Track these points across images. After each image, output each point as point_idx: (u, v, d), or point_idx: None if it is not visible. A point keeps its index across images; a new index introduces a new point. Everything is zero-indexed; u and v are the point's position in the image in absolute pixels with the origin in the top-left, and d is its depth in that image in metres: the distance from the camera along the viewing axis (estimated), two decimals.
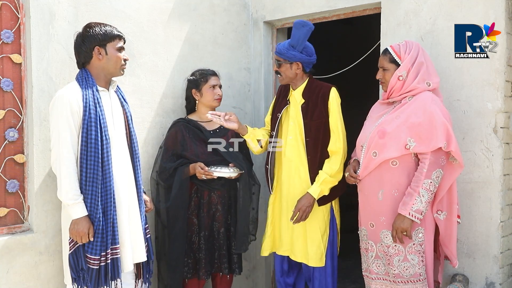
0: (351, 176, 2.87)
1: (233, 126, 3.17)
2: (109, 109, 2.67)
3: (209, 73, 3.33)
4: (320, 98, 3.10)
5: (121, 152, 2.70)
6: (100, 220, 2.53)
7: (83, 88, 2.57)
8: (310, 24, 3.04)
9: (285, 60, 3.09)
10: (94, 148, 2.53)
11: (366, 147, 2.79)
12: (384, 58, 2.81)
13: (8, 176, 2.70)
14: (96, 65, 2.64)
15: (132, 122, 2.79)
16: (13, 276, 2.63)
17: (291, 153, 3.17)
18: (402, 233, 2.65)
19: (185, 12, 3.52)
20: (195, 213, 3.22)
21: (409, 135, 2.64)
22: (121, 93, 2.81)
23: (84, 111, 2.53)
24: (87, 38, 2.61)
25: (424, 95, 2.68)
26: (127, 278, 2.75)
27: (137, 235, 2.73)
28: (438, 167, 2.63)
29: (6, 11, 2.68)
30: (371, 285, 2.87)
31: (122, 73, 2.73)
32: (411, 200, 2.62)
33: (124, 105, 2.78)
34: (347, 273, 4.48)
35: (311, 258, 3.12)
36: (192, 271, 3.20)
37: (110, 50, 2.64)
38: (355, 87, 5.45)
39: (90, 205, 2.53)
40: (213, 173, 3.10)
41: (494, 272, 2.93)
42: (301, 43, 3.05)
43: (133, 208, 2.73)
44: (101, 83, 2.67)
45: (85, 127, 2.53)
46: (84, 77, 2.61)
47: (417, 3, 3.16)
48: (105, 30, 2.64)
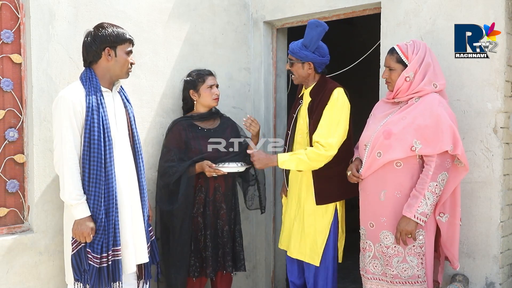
0: (353, 175, 2.86)
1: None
2: (112, 109, 2.66)
3: (205, 73, 3.34)
4: (323, 97, 3.09)
5: (124, 153, 2.69)
6: (102, 221, 2.53)
7: (86, 88, 2.57)
8: (324, 24, 3.03)
9: (297, 59, 3.10)
10: (97, 149, 2.53)
11: (370, 147, 2.78)
12: (390, 58, 2.78)
13: (8, 176, 2.70)
14: (104, 65, 2.64)
15: (135, 123, 2.80)
16: (13, 276, 2.63)
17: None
18: (406, 235, 2.64)
19: (185, 12, 3.52)
20: (200, 212, 3.23)
21: (415, 137, 2.63)
22: (125, 93, 2.81)
23: (87, 111, 2.53)
24: (98, 38, 2.61)
25: (431, 97, 2.67)
26: (128, 278, 2.75)
27: (140, 236, 2.73)
28: (443, 170, 2.62)
29: (6, 11, 2.68)
30: (366, 285, 2.88)
31: (127, 76, 2.74)
32: (416, 202, 2.61)
33: (127, 105, 2.78)
34: (347, 273, 4.48)
35: (306, 254, 3.14)
36: (199, 270, 3.21)
37: (120, 53, 2.64)
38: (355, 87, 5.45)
39: (93, 206, 2.53)
40: (222, 169, 3.11)
41: (494, 272, 2.93)
42: (314, 43, 3.04)
43: (136, 209, 2.72)
44: (105, 83, 2.67)
45: (87, 128, 2.53)
46: (88, 77, 2.61)
47: (417, 3, 3.16)
48: (117, 32, 2.64)
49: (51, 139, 2.76)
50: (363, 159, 2.84)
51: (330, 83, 3.15)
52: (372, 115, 2.94)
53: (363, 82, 4.83)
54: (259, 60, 4.01)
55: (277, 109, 4.13)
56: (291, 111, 3.37)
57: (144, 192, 2.80)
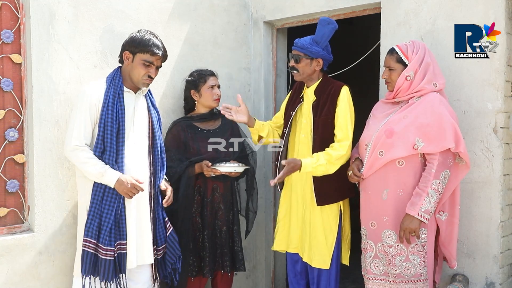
0: (354, 174, 2.86)
1: (242, 119, 3.15)
2: (131, 110, 2.71)
3: (207, 74, 3.34)
4: (331, 96, 3.06)
5: (138, 155, 2.74)
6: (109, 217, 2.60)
7: (107, 85, 2.66)
8: (335, 22, 3.04)
9: (306, 55, 3.07)
10: (109, 143, 2.60)
11: (371, 146, 2.78)
12: (390, 58, 2.79)
13: (8, 176, 2.70)
14: (124, 67, 2.74)
15: (157, 128, 2.83)
16: (13, 276, 2.63)
17: (303, 151, 3.13)
18: (410, 233, 2.64)
19: (185, 12, 3.52)
20: (198, 212, 3.23)
21: (417, 135, 2.64)
22: (151, 98, 2.87)
23: (103, 106, 2.61)
24: (127, 40, 2.71)
25: (431, 96, 2.68)
26: (137, 276, 2.78)
27: (145, 237, 2.76)
28: (446, 168, 2.63)
29: (6, 11, 2.68)
30: (368, 285, 2.87)
31: (143, 86, 2.75)
32: (419, 200, 2.61)
33: (151, 110, 2.83)
34: (347, 273, 4.47)
35: (314, 259, 3.10)
36: (197, 270, 3.21)
37: (137, 60, 2.69)
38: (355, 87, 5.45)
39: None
40: (219, 169, 3.11)
41: (494, 272, 2.93)
42: (325, 40, 3.05)
43: (143, 211, 2.75)
44: (128, 85, 2.73)
45: (102, 121, 2.60)
46: (114, 75, 2.71)
47: (417, 3, 3.16)
48: (142, 40, 2.67)
49: (51, 139, 2.77)
50: (364, 159, 2.84)
51: (335, 82, 3.14)
52: (372, 116, 2.94)
53: (363, 82, 4.83)
54: (259, 60, 4.01)
55: (277, 109, 4.12)
56: (287, 109, 3.30)
57: (158, 197, 2.84)
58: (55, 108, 2.79)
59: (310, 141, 3.11)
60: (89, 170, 2.56)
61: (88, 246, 2.59)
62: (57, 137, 2.78)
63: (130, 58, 2.69)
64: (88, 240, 2.59)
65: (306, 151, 3.12)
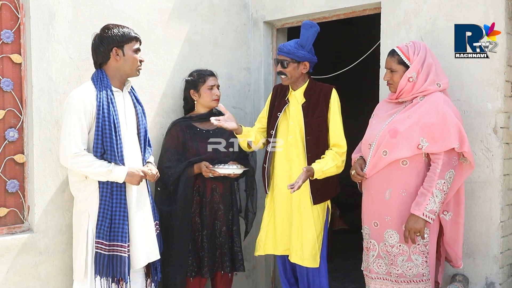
0: (357, 174, 2.85)
1: (232, 126, 3.15)
2: (122, 109, 2.72)
3: (207, 74, 3.34)
4: (322, 98, 3.12)
5: (133, 152, 2.75)
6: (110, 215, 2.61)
7: (97, 88, 2.63)
8: (317, 26, 3.11)
9: (293, 59, 3.10)
10: (109, 147, 2.60)
11: (375, 146, 2.77)
12: (391, 60, 2.77)
13: (8, 176, 2.70)
14: (113, 66, 2.70)
15: (142, 119, 2.84)
16: (13, 276, 2.63)
17: (291, 153, 3.17)
18: (415, 233, 2.63)
19: (185, 12, 3.52)
20: (197, 213, 3.23)
21: (421, 135, 2.63)
22: (135, 93, 2.87)
23: (97, 110, 2.59)
24: (105, 39, 2.66)
25: (435, 96, 2.68)
26: (135, 276, 2.77)
27: (149, 234, 2.78)
28: (450, 168, 2.62)
29: (6, 11, 2.68)
30: (370, 284, 2.87)
31: (138, 74, 2.79)
32: (424, 200, 2.60)
33: (136, 105, 2.84)
34: (347, 273, 4.48)
35: (306, 258, 3.12)
36: (196, 270, 3.21)
37: (127, 52, 2.69)
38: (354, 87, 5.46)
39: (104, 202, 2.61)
40: (218, 170, 3.11)
41: (494, 272, 2.93)
42: (309, 43, 3.10)
43: (145, 207, 2.77)
44: (116, 83, 2.72)
45: (99, 126, 2.59)
46: (99, 77, 2.66)
47: (417, 3, 3.16)
48: (123, 32, 2.69)
49: (51, 139, 2.77)
50: (367, 159, 2.83)
51: (322, 84, 3.22)
52: (375, 115, 2.94)
53: (363, 82, 4.83)
54: (259, 60, 4.01)
55: None
56: (274, 111, 3.29)
57: (148, 187, 2.86)
58: (55, 108, 2.79)
59: (298, 142, 3.15)
60: (95, 171, 2.56)
61: (102, 248, 2.59)
62: (57, 137, 2.78)
63: (120, 52, 2.68)
64: (101, 242, 2.58)
65: (294, 152, 3.17)
